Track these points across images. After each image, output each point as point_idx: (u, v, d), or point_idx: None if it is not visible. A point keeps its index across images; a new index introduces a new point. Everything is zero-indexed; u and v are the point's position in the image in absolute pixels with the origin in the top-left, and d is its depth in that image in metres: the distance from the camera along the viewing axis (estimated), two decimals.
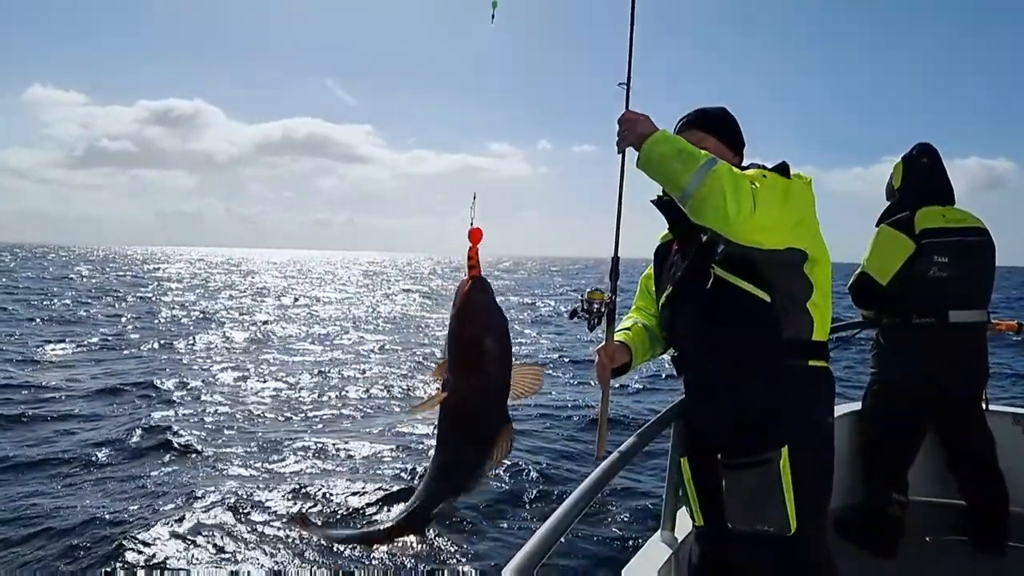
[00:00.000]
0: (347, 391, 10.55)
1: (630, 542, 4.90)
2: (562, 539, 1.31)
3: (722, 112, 2.08)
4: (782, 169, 1.81)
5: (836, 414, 2.02)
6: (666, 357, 2.23)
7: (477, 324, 1.39)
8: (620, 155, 1.93)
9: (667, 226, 2.14)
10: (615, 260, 2.05)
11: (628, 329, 2.16)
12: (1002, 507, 2.94)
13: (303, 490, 6.11)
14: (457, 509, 5.78)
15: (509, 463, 6.80)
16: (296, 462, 6.96)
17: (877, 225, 3.05)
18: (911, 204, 2.98)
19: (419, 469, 6.65)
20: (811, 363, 1.89)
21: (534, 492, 6.19)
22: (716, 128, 2.02)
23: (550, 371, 12.08)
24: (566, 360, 13.69)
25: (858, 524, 2.98)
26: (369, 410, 9.41)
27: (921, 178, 3.02)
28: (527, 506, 5.93)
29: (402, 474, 6.58)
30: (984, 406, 3.06)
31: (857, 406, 3.24)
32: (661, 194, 2.12)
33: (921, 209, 2.93)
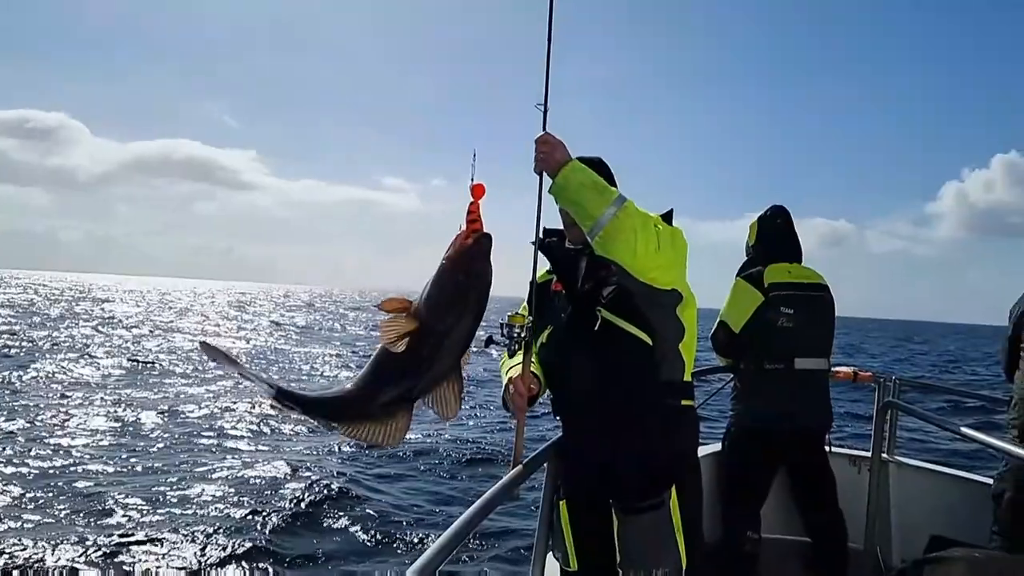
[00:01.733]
0: (195, 432, 9.64)
1: None
2: None
3: (599, 161, 2.14)
4: (668, 216, 1.93)
5: (699, 455, 2.08)
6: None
7: (470, 270, 1.43)
8: (537, 176, 1.90)
9: (548, 267, 2.14)
10: (533, 284, 1.97)
11: (531, 361, 2.10)
12: (841, 544, 3.16)
13: (126, 545, 5.44)
14: (321, 559, 5.38)
15: (376, 514, 6.47)
16: (124, 513, 6.22)
17: (736, 277, 3.28)
18: (763, 260, 3.24)
19: (271, 520, 6.14)
20: (683, 403, 1.97)
21: (406, 538, 5.92)
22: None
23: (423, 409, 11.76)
24: None
25: (717, 561, 3.08)
26: (218, 452, 8.66)
27: (772, 237, 3.30)
28: (399, 553, 5.62)
29: (245, 527, 6.00)
30: (827, 448, 3.32)
31: (717, 447, 3.40)
32: (542, 236, 2.12)
33: (770, 265, 3.19)
